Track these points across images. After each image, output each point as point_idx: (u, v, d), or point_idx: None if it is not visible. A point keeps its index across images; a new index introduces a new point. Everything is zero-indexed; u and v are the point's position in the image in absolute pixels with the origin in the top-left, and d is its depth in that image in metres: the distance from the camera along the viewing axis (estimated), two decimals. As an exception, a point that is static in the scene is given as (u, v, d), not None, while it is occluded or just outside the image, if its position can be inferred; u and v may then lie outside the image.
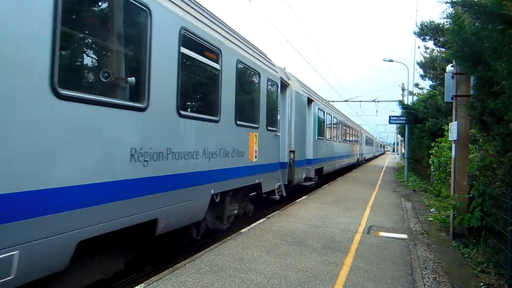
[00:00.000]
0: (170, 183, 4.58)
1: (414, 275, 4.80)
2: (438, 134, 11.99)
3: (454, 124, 6.89)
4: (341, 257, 5.39)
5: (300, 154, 11.03)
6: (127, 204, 3.76)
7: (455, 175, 6.82)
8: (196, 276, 4.34)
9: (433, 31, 15.10)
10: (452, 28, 5.45)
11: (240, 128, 6.66)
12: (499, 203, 4.93)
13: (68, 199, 3.09)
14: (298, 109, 10.84)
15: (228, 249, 5.46)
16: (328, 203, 10.16)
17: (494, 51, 4.32)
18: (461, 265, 5.47)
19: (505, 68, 4.14)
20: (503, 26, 4.15)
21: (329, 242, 6.19)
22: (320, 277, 4.53)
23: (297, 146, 10.57)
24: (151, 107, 4.12)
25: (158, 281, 4.15)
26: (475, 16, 4.51)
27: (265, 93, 7.92)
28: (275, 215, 8.17)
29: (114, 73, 3.73)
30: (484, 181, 5.93)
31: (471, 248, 6.11)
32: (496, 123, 4.95)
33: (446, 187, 9.63)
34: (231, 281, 4.26)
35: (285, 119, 9.79)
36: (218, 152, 5.82)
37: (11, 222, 2.63)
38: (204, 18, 5.46)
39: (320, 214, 8.57)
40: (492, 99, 4.97)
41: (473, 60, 5.19)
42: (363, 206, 10.08)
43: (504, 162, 5.07)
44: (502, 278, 4.72)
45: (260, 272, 4.60)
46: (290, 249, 5.64)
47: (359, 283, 4.40)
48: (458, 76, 6.85)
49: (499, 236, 4.84)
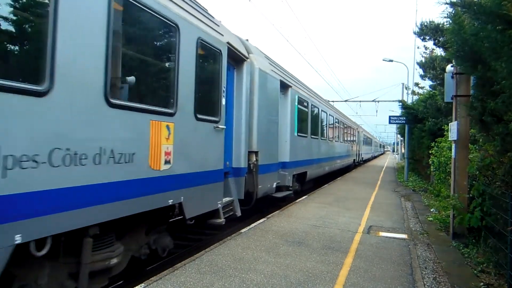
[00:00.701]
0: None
1: (414, 275, 4.80)
2: (438, 134, 11.99)
3: (454, 124, 6.89)
4: (341, 257, 5.39)
5: (269, 156, 8.44)
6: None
7: (455, 175, 6.82)
8: (196, 276, 4.35)
9: (433, 31, 15.09)
10: (452, 28, 5.45)
11: (124, 113, 3.82)
12: (499, 203, 4.93)
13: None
14: (265, 95, 8.18)
15: (228, 249, 5.46)
16: (328, 203, 10.16)
17: (493, 51, 4.33)
18: (461, 265, 5.47)
19: (505, 68, 4.14)
20: (503, 26, 4.15)
21: (329, 242, 6.19)
22: (320, 277, 4.53)
23: (263, 145, 8.01)
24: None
25: (158, 281, 4.15)
26: (475, 16, 4.52)
27: (193, 60, 5.03)
28: (275, 215, 8.17)
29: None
30: (484, 181, 5.94)
31: (471, 248, 6.12)
32: (496, 123, 4.95)
33: (446, 187, 9.64)
34: (231, 281, 4.27)
35: (241, 107, 7.10)
36: (52, 157, 2.99)
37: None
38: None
39: (320, 214, 8.57)
40: (492, 99, 4.97)
41: (473, 60, 5.20)
42: (363, 206, 10.08)
43: (504, 162, 5.07)
44: (502, 278, 4.73)
45: (260, 272, 4.60)
46: (290, 249, 5.64)
47: (359, 283, 4.40)
48: (458, 76, 6.85)
49: (499, 236, 4.84)
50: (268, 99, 8.44)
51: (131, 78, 4.09)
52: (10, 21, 2.87)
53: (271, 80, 8.62)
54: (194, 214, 5.26)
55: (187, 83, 4.98)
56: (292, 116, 10.31)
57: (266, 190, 8.35)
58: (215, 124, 5.77)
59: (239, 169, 7.06)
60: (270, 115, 8.58)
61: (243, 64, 7.20)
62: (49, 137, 2.99)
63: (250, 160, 7.48)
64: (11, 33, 2.90)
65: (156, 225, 4.94)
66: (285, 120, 9.95)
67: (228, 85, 6.57)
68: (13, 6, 2.88)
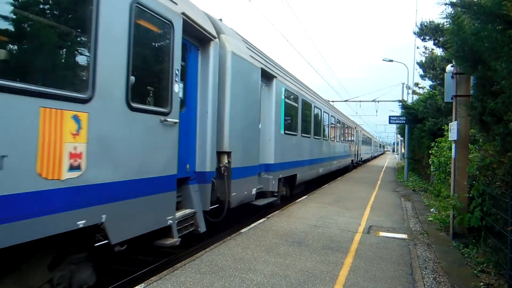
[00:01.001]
0: None
1: (414, 275, 4.81)
2: (438, 134, 12.00)
3: (454, 124, 6.89)
4: (341, 257, 5.40)
5: (246, 157, 7.19)
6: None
7: (455, 175, 6.83)
8: (196, 276, 4.35)
9: (433, 31, 15.11)
10: (452, 28, 5.45)
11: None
12: (499, 203, 4.93)
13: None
14: (241, 85, 6.90)
15: (228, 249, 5.46)
16: (328, 203, 10.16)
17: (494, 51, 4.33)
18: (461, 265, 5.47)
19: (505, 68, 4.15)
20: (503, 26, 4.16)
21: (329, 242, 6.19)
22: (320, 277, 4.54)
23: (238, 145, 6.78)
24: None
25: (158, 281, 4.15)
26: (475, 16, 4.52)
27: (125, 29, 3.91)
28: (275, 215, 8.17)
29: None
30: (484, 181, 5.94)
31: (471, 248, 6.12)
32: (496, 123, 4.95)
33: (446, 187, 9.64)
34: (231, 281, 4.27)
35: (206, 98, 5.83)
36: None
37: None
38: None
39: (320, 214, 8.57)
40: (492, 99, 4.97)
41: (473, 60, 5.20)
42: (363, 206, 10.08)
43: (504, 162, 5.07)
44: (502, 278, 4.73)
45: (260, 272, 4.60)
46: (290, 249, 5.64)
47: (359, 283, 4.40)
48: (458, 76, 6.86)
49: (499, 236, 4.84)
50: (246, 90, 7.15)
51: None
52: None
53: (250, 67, 7.34)
54: (126, 237, 3.93)
55: (113, 59, 3.73)
56: (277, 111, 9.00)
57: (242, 197, 7.08)
58: (162, 117, 4.51)
59: (204, 173, 5.75)
60: (248, 109, 7.25)
61: (209, 45, 5.89)
62: None
63: (221, 163, 6.34)
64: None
65: (69, 255, 3.70)
66: (269, 116, 8.72)
67: (190, 70, 5.55)
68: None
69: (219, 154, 6.30)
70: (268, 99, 8.78)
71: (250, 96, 7.37)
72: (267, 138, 8.67)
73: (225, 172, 6.35)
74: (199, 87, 5.82)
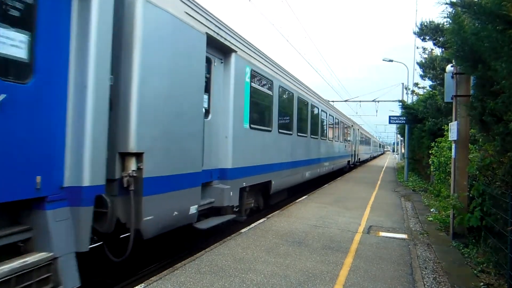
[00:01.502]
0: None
1: (414, 275, 4.81)
2: (438, 134, 12.00)
3: (454, 124, 6.89)
4: (341, 257, 5.40)
5: (177, 161, 5.00)
6: None
7: (455, 175, 6.83)
8: (196, 276, 4.35)
9: (433, 31, 15.13)
10: (452, 27, 5.45)
11: None
12: (499, 203, 4.93)
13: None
14: (165, 52, 4.77)
15: (228, 249, 5.46)
16: (328, 203, 10.16)
17: (494, 51, 4.33)
18: (461, 265, 5.47)
19: (505, 68, 4.15)
20: (503, 26, 4.16)
21: (329, 242, 6.19)
22: (320, 277, 4.53)
23: (160, 141, 4.67)
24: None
25: (158, 281, 4.15)
26: (475, 16, 4.52)
27: None
28: (275, 215, 8.17)
29: None
30: (484, 181, 5.94)
31: (471, 248, 6.12)
32: (496, 123, 4.95)
33: (446, 187, 9.64)
34: (231, 281, 4.27)
35: (86, 64, 3.55)
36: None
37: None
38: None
39: (320, 214, 8.57)
40: (492, 99, 4.98)
41: (473, 60, 5.20)
42: (363, 206, 10.08)
43: (504, 162, 5.07)
44: (502, 278, 4.73)
45: (260, 272, 4.60)
46: (290, 249, 5.64)
47: (359, 283, 4.40)
48: (458, 76, 6.86)
49: (499, 236, 4.84)
50: (177, 62, 5.00)
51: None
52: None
53: (184, 30, 5.13)
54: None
55: None
56: (238, 98, 6.85)
57: (168, 221, 4.89)
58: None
59: (78, 189, 3.50)
60: (181, 90, 5.11)
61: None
62: None
63: (125, 170, 4.24)
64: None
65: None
66: (226, 105, 6.58)
67: (48, 21, 3.29)
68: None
69: (124, 157, 4.27)
70: (225, 81, 6.61)
71: (185, 72, 5.18)
72: (222, 134, 6.53)
73: (129, 184, 4.18)
74: (72, 49, 3.54)
